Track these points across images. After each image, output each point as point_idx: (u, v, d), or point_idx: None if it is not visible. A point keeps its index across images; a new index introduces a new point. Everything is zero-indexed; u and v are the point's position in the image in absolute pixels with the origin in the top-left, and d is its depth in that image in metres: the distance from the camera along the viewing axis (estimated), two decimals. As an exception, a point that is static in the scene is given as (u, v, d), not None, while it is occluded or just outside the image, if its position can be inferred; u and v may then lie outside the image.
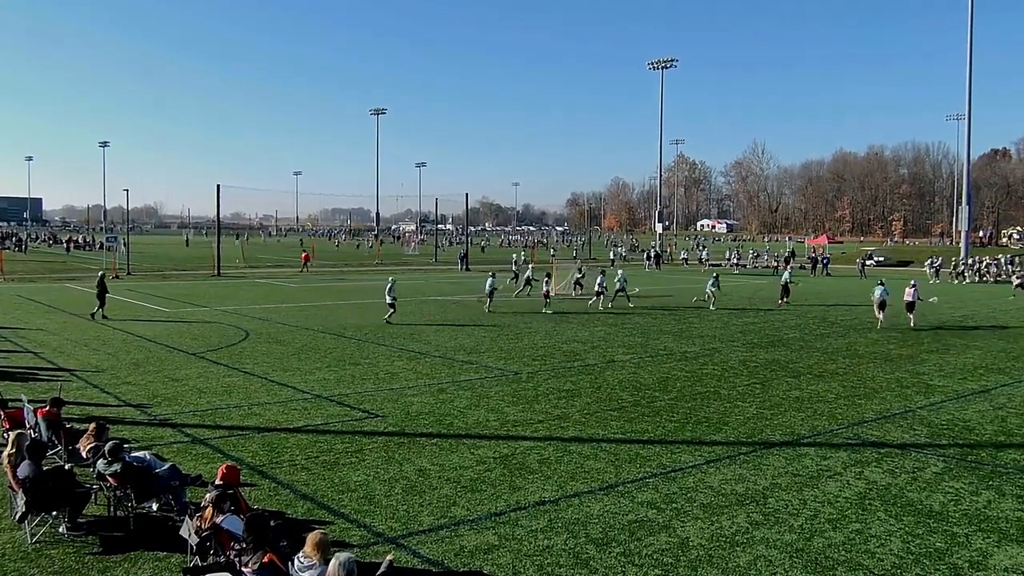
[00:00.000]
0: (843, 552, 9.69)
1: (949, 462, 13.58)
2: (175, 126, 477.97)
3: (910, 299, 32.82)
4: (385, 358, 23.14)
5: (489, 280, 36.80)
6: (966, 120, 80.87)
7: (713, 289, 39.52)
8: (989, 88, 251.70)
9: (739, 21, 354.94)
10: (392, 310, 31.59)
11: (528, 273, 46.78)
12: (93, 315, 31.86)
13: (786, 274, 42.33)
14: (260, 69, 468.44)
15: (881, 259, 75.60)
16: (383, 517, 10.67)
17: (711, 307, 38.40)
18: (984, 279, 63.90)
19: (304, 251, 68.68)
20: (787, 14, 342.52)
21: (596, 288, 38.16)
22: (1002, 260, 68.98)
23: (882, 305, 32.13)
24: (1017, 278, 51.47)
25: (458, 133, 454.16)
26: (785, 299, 40.28)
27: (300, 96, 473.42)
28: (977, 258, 70.43)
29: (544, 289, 37.64)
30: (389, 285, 32.12)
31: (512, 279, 50.76)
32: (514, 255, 75.54)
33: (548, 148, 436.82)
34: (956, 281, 62.86)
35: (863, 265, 69.03)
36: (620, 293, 39.62)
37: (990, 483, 12.42)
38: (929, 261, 69.74)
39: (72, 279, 52.87)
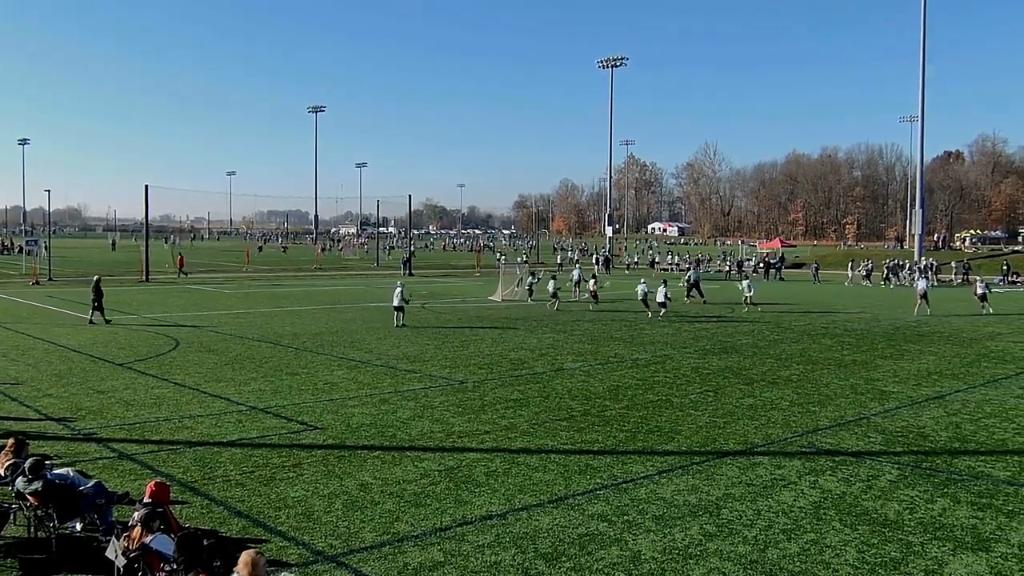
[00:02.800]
0: (798, 563, 9.83)
1: (904, 470, 13.85)
2: (100, 123, 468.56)
3: (981, 291, 41.33)
4: (324, 367, 22.96)
5: (551, 282, 41.79)
6: (919, 122, 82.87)
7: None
8: (943, 90, 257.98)
9: (690, 19, 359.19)
10: (401, 313, 32.67)
11: (576, 275, 50.74)
12: (103, 320, 32.64)
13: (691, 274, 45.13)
14: (191, 63, 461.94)
15: (775, 261, 78.80)
16: (323, 534, 10.58)
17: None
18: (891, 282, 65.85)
19: (179, 254, 67.38)
20: (739, 13, 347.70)
21: (660, 299, 37.38)
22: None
23: (924, 296, 40.76)
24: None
25: (401, 132, 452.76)
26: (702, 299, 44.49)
27: (234, 92, 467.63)
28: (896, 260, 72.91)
29: (592, 288, 42.00)
30: (399, 289, 33.09)
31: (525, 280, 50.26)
32: (517, 259, 77.05)
33: (495, 149, 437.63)
34: (883, 285, 64.54)
35: (817, 270, 70.23)
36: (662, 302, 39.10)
37: (945, 490, 12.70)
38: (850, 263, 71.54)
39: (-12, 285, 51.65)
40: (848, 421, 17.37)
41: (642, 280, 41.49)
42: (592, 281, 43.16)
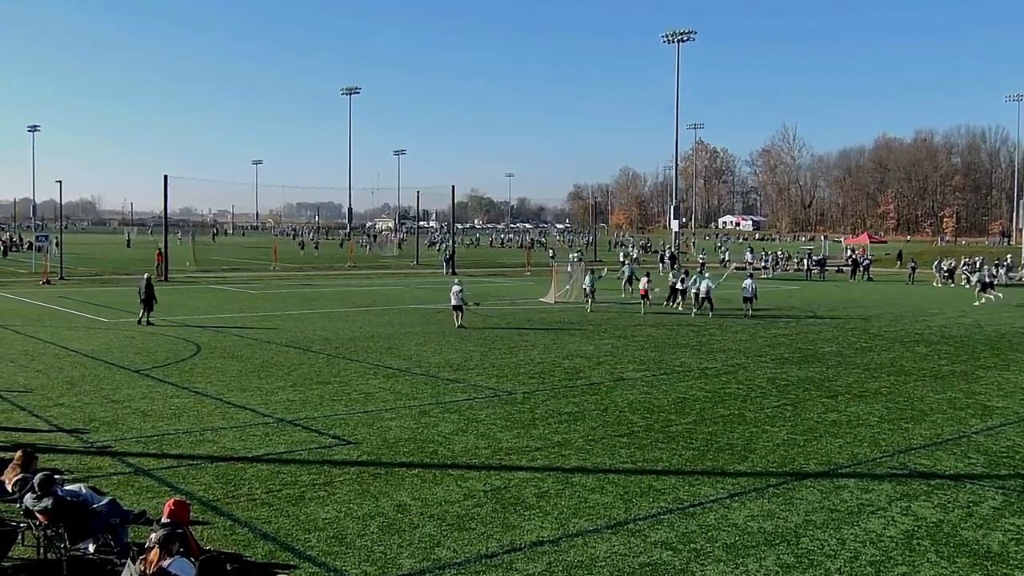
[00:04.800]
0: (888, 599, 9.70)
1: (1009, 495, 13.61)
2: (116, 108, 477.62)
3: (989, 280, 47.94)
4: (359, 376, 23.13)
5: (587, 278, 42.80)
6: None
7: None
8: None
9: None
10: (460, 313, 33.83)
11: (627, 272, 51.72)
12: (147, 322, 33.51)
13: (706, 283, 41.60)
14: (213, 43, 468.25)
15: (819, 258, 77.16)
16: (356, 560, 10.66)
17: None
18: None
19: (158, 249, 67.39)
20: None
21: (747, 294, 40.26)
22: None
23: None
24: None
25: (443, 116, 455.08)
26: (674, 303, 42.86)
27: (260, 73, 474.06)
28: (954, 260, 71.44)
29: (643, 288, 41.37)
30: (457, 288, 34.28)
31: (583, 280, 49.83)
32: (576, 255, 77.78)
33: (547, 134, 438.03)
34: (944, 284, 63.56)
35: (913, 270, 69.12)
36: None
37: (1057, 519, 12.45)
38: (936, 262, 69.30)
39: (-4, 284, 52.79)
40: (946, 440, 17.11)
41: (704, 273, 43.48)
42: (644, 279, 42.44)
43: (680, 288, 42.86)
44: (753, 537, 11.55)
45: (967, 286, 61.76)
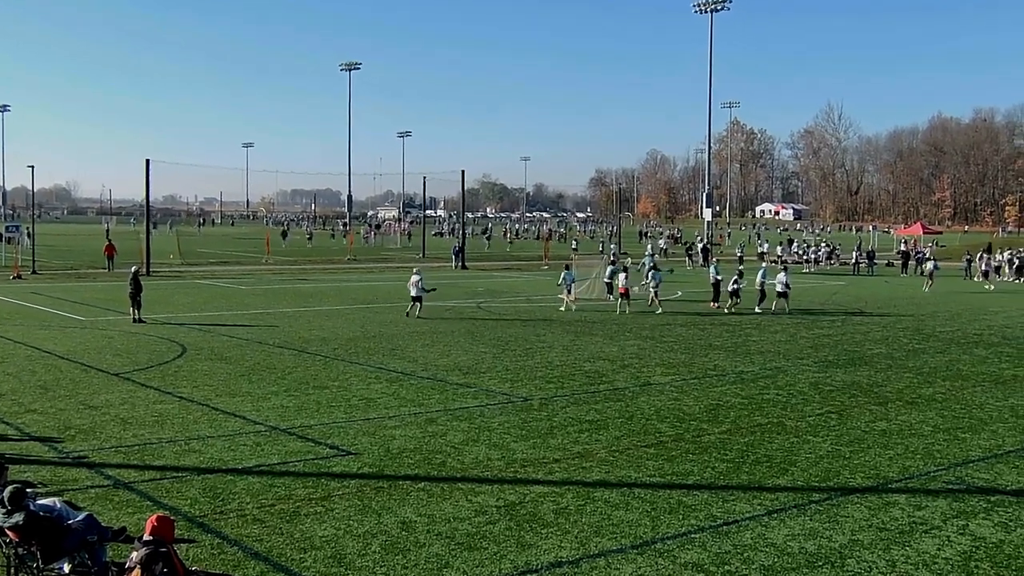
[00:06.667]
0: (942, 628, 9.68)
1: (1078, 513, 13.56)
2: (93, 88, 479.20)
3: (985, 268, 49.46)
4: (359, 380, 23.18)
5: (564, 273, 42.13)
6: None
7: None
8: None
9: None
10: (419, 304, 36.21)
11: (649, 263, 53.66)
12: (137, 318, 34.16)
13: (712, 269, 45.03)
14: (199, 14, 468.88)
15: (917, 253, 76.05)
16: (356, 582, 10.67)
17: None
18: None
19: (108, 240, 66.56)
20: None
21: (780, 288, 41.08)
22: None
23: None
24: None
25: (452, 95, 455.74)
26: (715, 303, 42.71)
27: (251, 48, 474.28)
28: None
29: (622, 286, 40.68)
30: (417, 277, 36.62)
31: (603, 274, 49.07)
32: (613, 247, 79.62)
33: (566, 114, 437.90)
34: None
35: (969, 264, 68.59)
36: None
37: None
38: (980, 255, 66.05)
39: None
40: (1007, 452, 17.05)
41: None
42: (622, 276, 40.96)
43: (732, 289, 41.84)
44: (794, 558, 11.53)
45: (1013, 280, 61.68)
